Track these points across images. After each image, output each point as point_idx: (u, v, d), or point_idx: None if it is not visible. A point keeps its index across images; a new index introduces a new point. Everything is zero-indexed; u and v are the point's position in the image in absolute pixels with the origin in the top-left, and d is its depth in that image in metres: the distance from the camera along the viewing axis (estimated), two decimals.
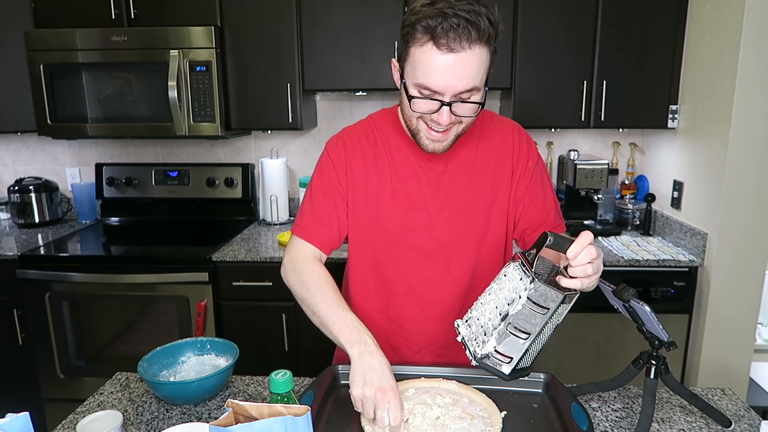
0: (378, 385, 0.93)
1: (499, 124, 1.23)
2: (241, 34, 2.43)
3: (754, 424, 1.06)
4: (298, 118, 2.49)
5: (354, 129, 1.22)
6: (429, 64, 0.97)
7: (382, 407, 0.92)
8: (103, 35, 2.36)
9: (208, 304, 2.29)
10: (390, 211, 1.16)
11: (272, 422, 0.74)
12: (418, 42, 0.97)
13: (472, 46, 0.95)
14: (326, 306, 1.08)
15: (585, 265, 0.86)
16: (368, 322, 1.25)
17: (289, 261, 1.18)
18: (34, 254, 2.35)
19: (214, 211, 2.85)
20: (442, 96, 0.99)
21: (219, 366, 1.22)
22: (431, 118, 1.03)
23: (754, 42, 1.97)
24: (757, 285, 2.16)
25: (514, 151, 1.19)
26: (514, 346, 0.88)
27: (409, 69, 1.01)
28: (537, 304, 0.85)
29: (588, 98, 2.40)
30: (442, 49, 0.95)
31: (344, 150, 1.18)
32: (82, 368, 2.40)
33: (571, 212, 2.69)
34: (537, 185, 1.20)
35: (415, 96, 1.01)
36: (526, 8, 2.34)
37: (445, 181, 1.16)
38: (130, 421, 1.08)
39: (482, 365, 0.90)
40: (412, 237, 1.17)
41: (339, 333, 1.03)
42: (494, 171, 1.18)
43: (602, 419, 1.07)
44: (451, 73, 0.96)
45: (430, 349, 1.24)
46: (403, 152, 1.17)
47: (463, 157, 1.17)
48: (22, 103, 2.50)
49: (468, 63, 0.96)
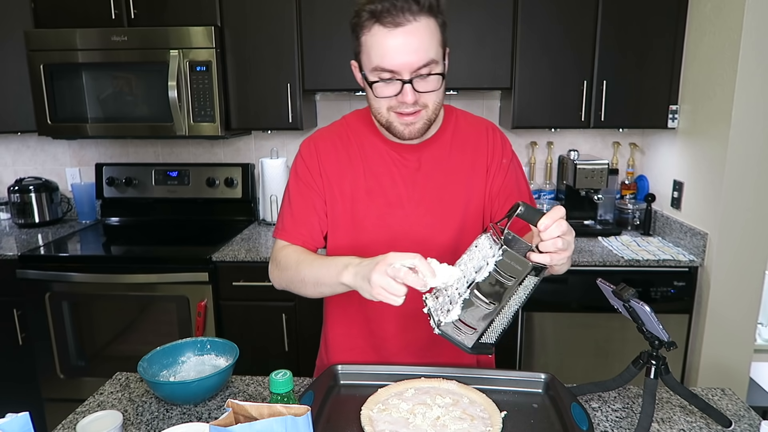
0: (376, 262, 0.91)
1: (473, 122, 1.23)
2: (241, 34, 2.43)
3: (754, 424, 1.06)
4: (298, 118, 2.49)
5: (326, 130, 1.23)
6: (381, 44, 0.99)
7: (397, 263, 0.88)
8: (103, 35, 2.36)
9: (208, 304, 2.29)
10: (366, 209, 1.17)
11: (272, 422, 0.74)
12: (366, 28, 1.00)
13: (417, 18, 0.98)
14: (310, 267, 1.09)
15: (555, 239, 0.85)
16: (347, 324, 1.26)
17: (272, 262, 1.20)
18: (34, 254, 2.35)
19: (214, 211, 2.85)
20: (401, 75, 1.00)
21: (219, 366, 1.22)
22: (398, 101, 1.04)
23: (754, 42, 1.97)
24: (757, 285, 2.16)
25: (488, 149, 1.20)
26: (479, 316, 0.87)
27: (365, 58, 1.03)
28: (504, 272, 0.84)
29: (588, 98, 2.40)
30: (388, 26, 0.98)
31: (317, 151, 1.19)
32: (82, 368, 2.40)
33: (571, 212, 2.69)
34: (512, 182, 1.21)
35: (375, 81, 1.03)
36: (526, 8, 2.34)
37: (420, 178, 1.17)
38: (130, 421, 1.08)
39: (444, 334, 0.89)
40: (389, 234, 1.17)
41: (329, 276, 1.03)
42: (469, 168, 1.19)
43: (602, 419, 1.07)
44: (403, 49, 0.98)
45: (411, 349, 1.23)
46: (377, 150, 1.18)
47: (438, 153, 1.18)
48: (22, 103, 2.50)
49: (416, 35, 0.98)
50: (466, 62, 2.42)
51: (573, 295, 2.25)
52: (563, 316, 2.29)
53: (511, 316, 0.90)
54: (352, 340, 1.26)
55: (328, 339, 1.31)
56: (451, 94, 2.76)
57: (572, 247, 0.90)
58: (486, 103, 2.83)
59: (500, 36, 2.38)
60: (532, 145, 2.84)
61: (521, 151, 2.88)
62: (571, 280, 2.24)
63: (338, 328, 1.28)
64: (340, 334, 1.28)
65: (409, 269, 0.89)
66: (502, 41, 2.39)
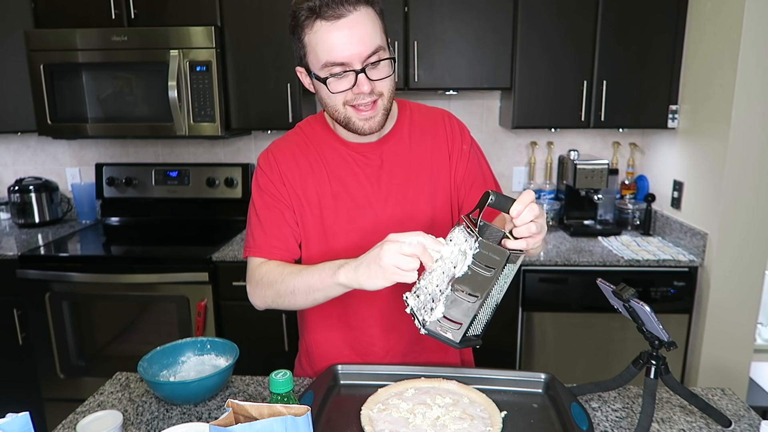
0: (380, 248, 0.91)
1: (428, 114, 1.23)
2: (241, 34, 2.43)
3: (754, 424, 1.06)
4: (298, 118, 2.48)
5: (283, 140, 1.21)
6: (326, 39, 0.99)
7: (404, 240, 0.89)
8: (103, 35, 2.36)
9: (208, 304, 2.29)
10: (334, 213, 1.15)
11: (272, 422, 0.74)
12: (308, 27, 1.00)
13: (356, 8, 0.99)
14: (299, 276, 1.05)
15: (529, 224, 0.86)
16: (328, 333, 1.23)
17: (249, 283, 1.16)
18: (34, 254, 2.35)
19: (214, 211, 2.85)
20: (352, 66, 1.00)
21: (219, 366, 1.22)
22: (354, 94, 1.03)
23: (754, 42, 1.97)
24: (757, 285, 2.16)
25: (447, 137, 1.20)
26: (463, 311, 0.86)
27: (312, 58, 1.03)
28: (483, 264, 0.84)
29: (588, 98, 2.41)
30: (330, 19, 0.98)
31: (276, 162, 1.16)
32: (82, 368, 2.40)
33: (571, 212, 2.69)
34: (475, 167, 1.21)
35: (328, 77, 1.02)
36: (526, 8, 2.34)
37: (384, 175, 1.16)
38: (130, 421, 1.08)
39: (431, 333, 0.88)
40: (361, 235, 1.15)
41: (322, 280, 1.01)
42: (431, 159, 1.19)
43: (602, 419, 1.07)
44: (348, 40, 0.98)
45: (397, 350, 1.22)
46: (338, 153, 1.16)
47: (398, 149, 1.17)
48: (22, 103, 2.50)
49: (359, 25, 0.99)
50: (466, 62, 2.42)
51: (573, 295, 2.25)
52: (563, 316, 2.29)
53: (494, 306, 0.90)
54: (335, 347, 1.23)
55: (309, 347, 1.27)
56: (451, 94, 2.76)
57: (545, 229, 0.91)
58: (486, 103, 2.83)
59: (500, 36, 2.38)
60: (532, 145, 2.84)
61: (521, 151, 2.88)
62: (571, 280, 2.25)
63: (319, 334, 1.25)
64: (321, 341, 1.25)
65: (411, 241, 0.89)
66: (502, 41, 2.39)
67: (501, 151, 2.88)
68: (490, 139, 2.86)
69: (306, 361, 1.30)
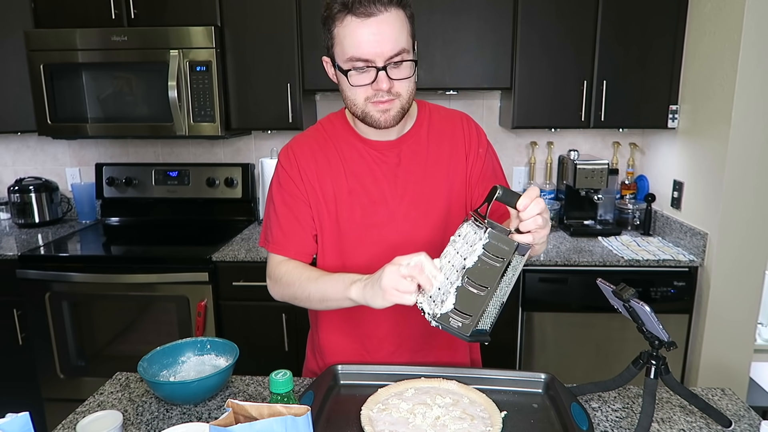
0: (383, 269, 0.93)
1: (447, 115, 1.25)
2: (241, 34, 2.43)
3: (754, 424, 1.06)
4: (298, 118, 2.49)
5: (303, 136, 1.24)
6: (354, 34, 1.02)
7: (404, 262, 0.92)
8: (103, 35, 2.36)
9: (208, 304, 2.29)
10: (350, 209, 1.18)
11: (272, 422, 0.74)
12: (339, 20, 1.03)
13: (387, 9, 1.02)
14: (314, 284, 1.10)
15: (535, 217, 0.88)
16: (339, 328, 1.26)
17: (269, 278, 1.21)
18: (34, 254, 2.35)
19: (214, 211, 2.85)
20: (375, 63, 1.03)
21: (219, 366, 1.22)
22: (373, 90, 1.06)
23: (754, 42, 1.97)
24: (757, 285, 2.16)
25: (464, 139, 1.22)
26: (473, 303, 0.87)
27: (339, 50, 1.06)
28: (493, 254, 0.86)
29: (588, 98, 2.40)
30: (360, 16, 1.01)
31: (295, 157, 1.20)
32: (82, 368, 2.40)
33: (571, 212, 2.69)
34: (489, 171, 1.23)
35: (350, 70, 1.05)
36: (526, 8, 2.34)
37: (401, 173, 1.18)
38: (130, 421, 1.08)
39: (441, 325, 0.90)
40: (375, 233, 1.18)
41: (336, 291, 1.05)
42: (448, 159, 1.20)
43: (602, 419, 1.07)
44: (375, 38, 1.01)
45: (407, 347, 1.24)
46: (356, 150, 1.19)
47: (416, 148, 1.19)
48: (22, 103, 2.50)
49: (387, 25, 1.02)
50: (466, 62, 2.42)
51: (573, 295, 2.25)
52: (563, 316, 2.29)
53: (503, 299, 0.91)
54: (346, 344, 1.25)
55: (320, 344, 1.29)
56: (451, 94, 2.76)
57: (549, 224, 0.93)
58: (486, 103, 2.83)
59: (500, 36, 2.38)
60: (532, 145, 2.84)
61: (521, 151, 2.88)
62: (571, 280, 2.25)
63: (330, 332, 1.27)
64: (332, 339, 1.27)
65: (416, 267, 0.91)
66: (502, 41, 2.38)
67: (501, 151, 2.88)
68: (490, 139, 2.84)
69: (314, 358, 1.32)
